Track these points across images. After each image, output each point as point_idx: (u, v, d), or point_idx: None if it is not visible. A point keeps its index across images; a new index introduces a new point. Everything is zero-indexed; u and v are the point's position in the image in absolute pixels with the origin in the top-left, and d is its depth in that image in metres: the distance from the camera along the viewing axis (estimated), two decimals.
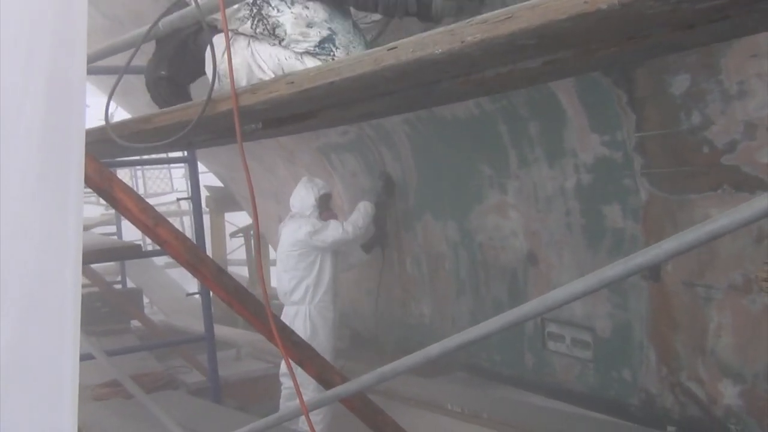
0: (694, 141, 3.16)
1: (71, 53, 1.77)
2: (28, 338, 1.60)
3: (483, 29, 1.27)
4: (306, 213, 4.97)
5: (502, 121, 4.09)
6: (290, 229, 4.98)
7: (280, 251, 5.04)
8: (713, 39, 1.73)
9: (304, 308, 4.90)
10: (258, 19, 2.10)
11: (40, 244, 1.63)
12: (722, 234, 1.15)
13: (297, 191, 5.07)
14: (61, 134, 1.72)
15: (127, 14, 5.32)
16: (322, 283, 4.95)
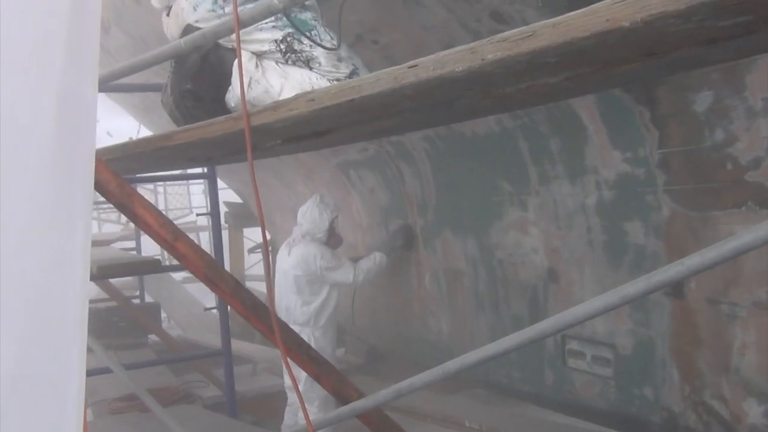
0: (718, 158, 3.13)
1: (83, 71, 1.78)
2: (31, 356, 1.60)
3: (504, 47, 1.27)
4: (317, 235, 4.93)
5: (522, 138, 4.08)
6: (302, 252, 4.91)
7: (287, 269, 4.96)
8: (736, 55, 1.71)
9: (308, 330, 4.84)
10: (290, 52, 2.17)
11: (46, 262, 1.63)
12: (746, 251, 1.12)
13: (309, 211, 4.97)
14: (71, 151, 1.73)
15: (150, 34, 5.39)
16: (327, 307, 4.94)
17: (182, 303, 9.45)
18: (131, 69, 2.28)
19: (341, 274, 4.93)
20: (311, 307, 4.89)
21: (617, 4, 1.13)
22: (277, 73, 2.22)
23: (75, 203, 1.61)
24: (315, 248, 4.89)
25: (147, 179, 5.57)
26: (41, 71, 1.61)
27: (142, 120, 8.58)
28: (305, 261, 4.86)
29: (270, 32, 2.20)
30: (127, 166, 2.51)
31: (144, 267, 4.71)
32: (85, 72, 1.73)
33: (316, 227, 4.92)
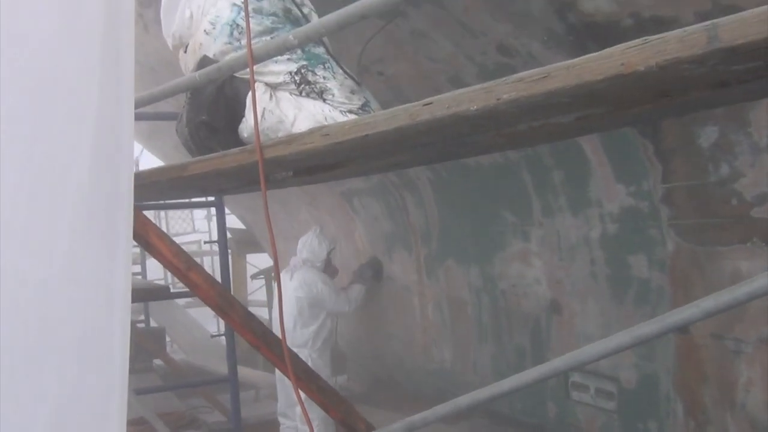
0: (723, 193, 3.15)
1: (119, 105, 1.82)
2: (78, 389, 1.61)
3: (518, 88, 1.30)
4: (316, 264, 5.33)
5: (526, 169, 4.11)
6: (304, 276, 5.24)
7: (289, 293, 5.21)
8: (747, 97, 1.74)
9: (306, 352, 5.09)
10: (304, 84, 2.22)
11: (90, 291, 1.64)
12: (761, 296, 1.14)
13: (309, 241, 5.40)
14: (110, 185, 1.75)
15: (158, 62, 5.46)
16: (324, 331, 5.25)
17: (186, 327, 9.44)
18: (149, 99, 2.31)
19: (339, 302, 5.33)
20: (310, 329, 5.17)
21: (632, 48, 1.16)
22: (291, 104, 2.25)
23: (118, 235, 1.64)
24: (316, 274, 5.26)
25: (155, 206, 5.64)
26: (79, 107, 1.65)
27: (146, 144, 8.63)
28: (308, 285, 5.19)
29: (285, 64, 2.24)
30: (139, 193, 2.53)
31: (153, 293, 4.74)
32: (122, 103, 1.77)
33: (315, 256, 5.33)
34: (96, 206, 1.70)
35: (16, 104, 1.60)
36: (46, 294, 1.59)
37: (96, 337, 1.65)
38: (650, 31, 2.88)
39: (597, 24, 2.99)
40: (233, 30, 2.27)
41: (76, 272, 1.64)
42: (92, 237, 1.68)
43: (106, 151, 1.72)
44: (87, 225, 1.68)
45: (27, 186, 1.60)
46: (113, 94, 1.80)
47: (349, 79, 2.31)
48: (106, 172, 1.72)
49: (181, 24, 2.41)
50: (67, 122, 1.71)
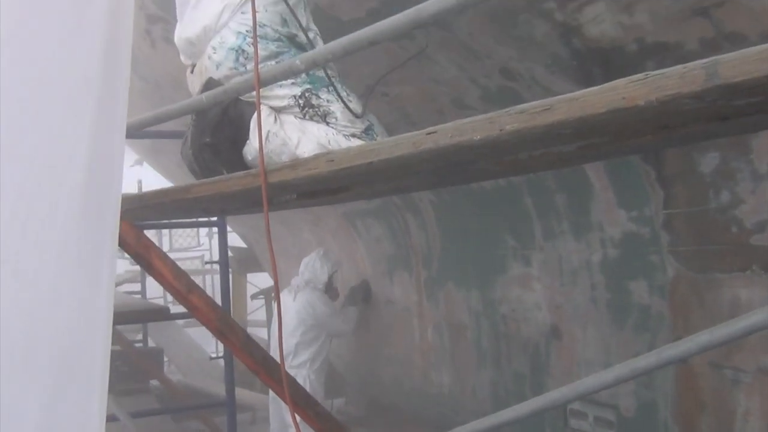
0: (723, 220, 3.15)
1: (112, 127, 1.84)
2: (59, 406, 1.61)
3: (521, 119, 1.31)
4: (318, 286, 5.35)
5: (528, 193, 4.12)
6: (308, 297, 5.26)
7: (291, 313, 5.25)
8: (748, 129, 1.76)
9: (304, 372, 5.12)
10: (308, 107, 2.24)
11: (74, 312, 1.65)
12: (757, 330, 1.14)
13: (312, 262, 5.43)
14: (99, 203, 1.76)
15: (164, 78, 5.50)
16: (323, 351, 5.29)
17: (184, 348, 9.40)
18: (154, 120, 2.34)
19: (340, 325, 5.41)
20: (310, 350, 5.19)
21: (633, 83, 1.17)
22: (295, 127, 2.28)
23: (102, 256, 1.65)
24: (319, 296, 5.28)
25: (156, 225, 5.66)
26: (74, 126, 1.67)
27: (150, 161, 8.67)
28: (311, 305, 5.20)
29: (289, 88, 2.27)
30: (143, 214, 2.55)
31: (152, 315, 4.74)
32: (115, 127, 1.78)
33: (317, 278, 5.34)
34: (84, 229, 1.71)
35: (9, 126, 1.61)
36: (32, 315, 1.60)
37: (78, 358, 1.66)
38: (655, 56, 2.92)
39: (602, 49, 3.01)
40: (239, 56, 2.29)
41: (62, 294, 1.65)
42: (79, 259, 1.70)
43: (97, 176, 1.73)
44: (75, 248, 1.69)
45: (20, 208, 1.62)
46: (109, 115, 1.82)
47: (352, 102, 2.34)
48: (95, 195, 1.74)
49: (186, 47, 2.44)
50: (61, 144, 1.72)
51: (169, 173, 8.03)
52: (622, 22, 2.80)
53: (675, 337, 3.43)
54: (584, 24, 2.92)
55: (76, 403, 1.64)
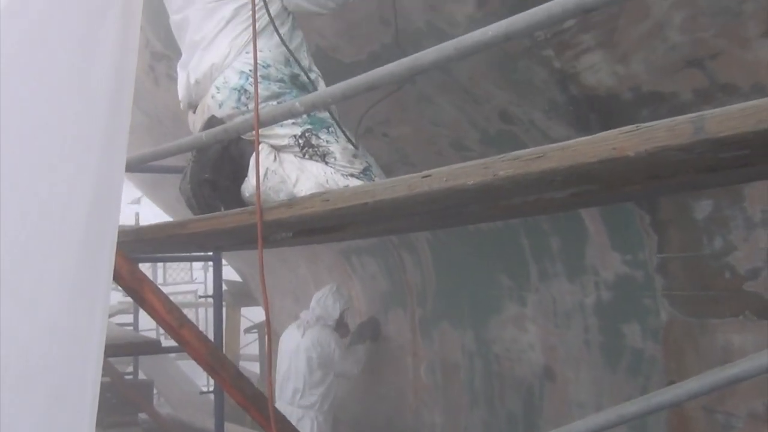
0: (717, 266, 3.17)
1: (115, 157, 1.87)
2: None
3: (515, 165, 1.34)
4: (328, 322, 5.18)
5: (524, 234, 4.15)
6: (317, 335, 5.10)
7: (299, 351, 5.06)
8: (735, 180, 1.79)
9: (312, 413, 4.99)
10: (308, 147, 2.28)
11: (68, 343, 1.66)
12: (744, 379, 1.16)
13: (324, 297, 5.26)
14: (98, 235, 1.79)
15: (165, 113, 5.57)
16: (331, 392, 5.13)
17: (175, 381, 9.31)
18: (153, 156, 2.38)
19: (349, 365, 5.22)
20: (319, 390, 5.04)
21: (624, 134, 1.21)
22: (294, 166, 2.31)
23: (98, 287, 1.66)
24: (329, 334, 5.12)
25: (151, 259, 5.65)
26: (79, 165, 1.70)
27: (149, 194, 8.70)
28: (321, 344, 5.05)
29: (290, 128, 2.31)
30: (138, 247, 2.56)
31: (144, 347, 4.70)
32: (116, 159, 1.81)
33: (328, 314, 5.19)
34: (83, 261, 1.73)
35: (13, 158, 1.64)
36: (28, 345, 1.61)
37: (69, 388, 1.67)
38: (650, 104, 2.97)
39: (598, 96, 3.07)
40: (241, 95, 2.34)
41: (58, 325, 1.66)
42: (76, 290, 1.71)
43: (97, 210, 1.76)
44: (73, 279, 1.71)
45: (22, 239, 1.64)
46: (112, 150, 1.85)
47: (350, 144, 2.38)
48: (94, 229, 1.76)
49: (187, 90, 2.49)
50: (65, 178, 1.75)
51: (169, 207, 8.05)
52: (617, 72, 2.86)
53: (668, 381, 3.42)
54: (581, 72, 2.98)
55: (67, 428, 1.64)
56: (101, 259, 1.77)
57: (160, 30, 4.69)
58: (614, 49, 2.82)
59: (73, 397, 1.68)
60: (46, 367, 1.58)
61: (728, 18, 2.44)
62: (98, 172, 1.79)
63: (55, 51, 1.69)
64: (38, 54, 1.66)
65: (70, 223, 1.74)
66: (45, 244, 1.66)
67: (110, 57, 1.77)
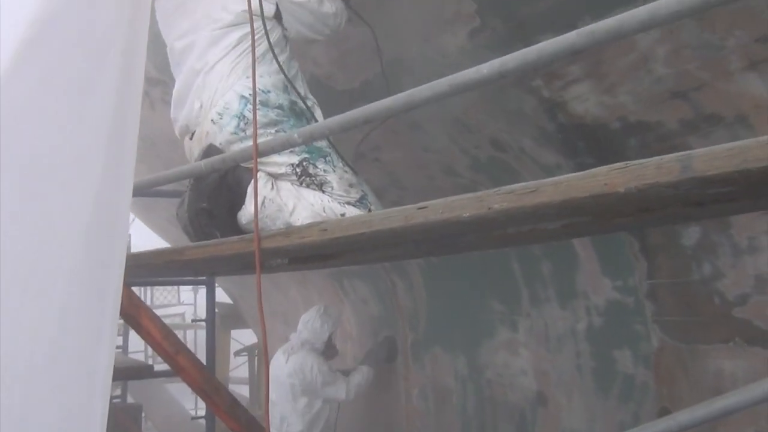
0: (706, 292, 3.22)
1: (118, 187, 1.89)
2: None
3: (509, 199, 1.38)
4: (316, 345, 5.03)
5: (515, 259, 4.18)
6: (300, 361, 4.95)
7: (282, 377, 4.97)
8: (722, 213, 1.84)
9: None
10: (305, 176, 2.32)
11: (74, 374, 1.67)
12: (735, 411, 1.19)
13: (311, 320, 5.10)
14: (102, 266, 1.80)
15: (161, 137, 5.58)
16: (320, 419, 4.96)
17: (164, 405, 9.24)
18: (153, 182, 2.40)
19: (335, 390, 4.98)
20: (306, 418, 4.89)
21: (615, 170, 1.25)
22: (291, 194, 2.35)
23: (105, 314, 1.68)
24: (313, 359, 4.94)
25: (144, 282, 5.61)
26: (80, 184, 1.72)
27: (141, 217, 8.69)
28: (302, 371, 4.89)
29: (287, 156, 2.35)
30: (133, 272, 2.58)
31: (135, 372, 4.65)
32: (121, 187, 1.84)
33: (316, 337, 5.03)
34: (87, 286, 1.74)
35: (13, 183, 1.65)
36: (33, 373, 1.62)
37: (76, 415, 1.67)
38: (637, 134, 3.04)
39: (586, 125, 3.13)
40: (240, 121, 2.38)
41: (63, 352, 1.67)
42: (81, 317, 1.72)
43: (101, 235, 1.78)
44: (77, 305, 1.72)
45: (24, 266, 1.65)
46: (114, 176, 1.87)
47: (348, 173, 2.42)
48: (98, 255, 1.78)
49: (189, 114, 2.52)
50: (67, 202, 1.77)
51: (161, 229, 8.05)
52: (604, 102, 2.93)
53: (660, 408, 3.44)
54: (569, 101, 3.04)
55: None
56: (107, 283, 1.79)
57: (156, 56, 4.75)
58: (601, 80, 2.89)
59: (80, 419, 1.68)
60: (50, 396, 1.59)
61: (711, 52, 2.51)
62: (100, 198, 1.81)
63: (58, 84, 1.72)
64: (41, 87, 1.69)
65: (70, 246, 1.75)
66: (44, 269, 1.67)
67: (113, 90, 1.80)
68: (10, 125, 1.58)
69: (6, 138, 1.59)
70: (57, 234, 1.74)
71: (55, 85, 1.71)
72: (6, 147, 1.63)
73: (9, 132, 1.58)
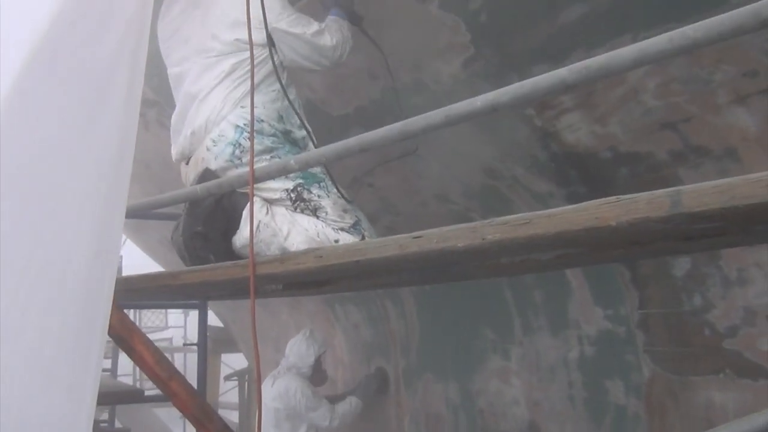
0: (696, 323, 3.23)
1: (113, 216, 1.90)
2: None
3: (503, 230, 1.40)
4: (302, 370, 5.03)
5: (508, 287, 4.19)
6: (285, 385, 4.95)
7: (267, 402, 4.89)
8: (712, 248, 1.87)
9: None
10: (299, 201, 2.34)
11: (63, 395, 1.67)
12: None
13: (298, 344, 5.13)
14: (97, 287, 1.81)
15: (155, 159, 5.60)
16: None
17: (152, 430, 9.12)
18: (149, 206, 2.42)
19: (319, 416, 4.95)
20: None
21: (606, 204, 1.28)
22: (285, 219, 2.37)
23: (93, 339, 1.68)
24: (298, 383, 4.94)
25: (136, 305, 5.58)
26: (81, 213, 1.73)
27: (132, 237, 8.67)
28: (287, 395, 4.88)
29: (282, 182, 2.37)
30: (127, 296, 2.58)
31: (125, 397, 4.60)
32: (116, 212, 1.85)
33: (302, 361, 5.03)
34: (82, 313, 1.75)
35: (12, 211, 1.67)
36: (25, 398, 1.62)
37: None
38: (627, 164, 3.07)
39: (578, 154, 3.17)
40: (235, 149, 2.40)
41: (55, 378, 1.67)
42: (73, 340, 1.72)
43: (97, 262, 1.79)
44: (72, 332, 1.72)
45: (25, 290, 1.66)
46: (110, 201, 1.89)
47: (342, 198, 2.44)
48: (94, 281, 1.79)
49: (183, 141, 2.54)
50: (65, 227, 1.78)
51: (152, 250, 8.03)
52: (595, 132, 2.97)
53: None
54: (561, 130, 3.08)
55: None
56: (98, 309, 1.79)
57: (152, 77, 4.78)
58: (592, 111, 2.94)
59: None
60: (41, 421, 1.59)
61: (699, 86, 2.57)
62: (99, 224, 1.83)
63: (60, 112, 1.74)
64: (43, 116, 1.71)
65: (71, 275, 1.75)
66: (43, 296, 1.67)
67: (115, 119, 1.83)
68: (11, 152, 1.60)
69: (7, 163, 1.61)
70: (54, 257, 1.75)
71: (57, 113, 1.73)
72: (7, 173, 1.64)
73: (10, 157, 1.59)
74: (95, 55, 1.82)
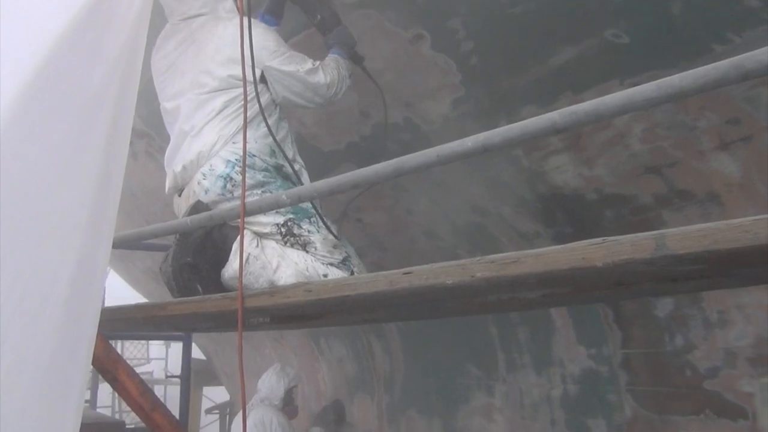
0: (678, 363, 3.27)
1: (99, 245, 1.90)
2: None
3: (491, 268, 1.43)
4: (274, 402, 5.18)
5: (493, 324, 4.21)
6: (260, 416, 5.06)
7: None
8: (695, 289, 1.91)
9: None
10: (290, 236, 2.36)
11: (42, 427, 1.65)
12: None
13: (268, 377, 5.31)
14: (79, 317, 1.80)
15: (141, 189, 5.60)
16: None
17: None
18: (137, 236, 2.42)
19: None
20: None
21: (592, 245, 1.31)
22: (275, 252, 2.37)
23: (77, 370, 1.67)
24: (272, 413, 5.08)
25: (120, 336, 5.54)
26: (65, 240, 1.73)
27: (115, 267, 8.61)
28: (262, 423, 5.01)
29: (272, 216, 2.39)
30: (112, 326, 2.57)
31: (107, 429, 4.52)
32: (101, 240, 1.85)
33: (273, 394, 5.20)
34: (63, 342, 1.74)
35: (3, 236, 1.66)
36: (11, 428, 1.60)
37: None
38: (613, 205, 3.13)
39: (564, 195, 3.23)
40: (227, 183, 2.42)
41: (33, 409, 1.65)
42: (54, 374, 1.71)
43: (79, 290, 1.78)
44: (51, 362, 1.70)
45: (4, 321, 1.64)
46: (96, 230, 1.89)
47: (331, 236, 2.46)
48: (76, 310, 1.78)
49: (175, 174, 2.56)
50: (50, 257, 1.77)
51: (136, 281, 7.97)
52: (582, 174, 3.03)
53: None
54: (548, 172, 3.14)
55: None
56: (81, 340, 1.78)
57: (142, 108, 4.81)
58: (579, 153, 3.00)
59: None
60: None
61: (683, 131, 2.64)
62: (82, 254, 1.82)
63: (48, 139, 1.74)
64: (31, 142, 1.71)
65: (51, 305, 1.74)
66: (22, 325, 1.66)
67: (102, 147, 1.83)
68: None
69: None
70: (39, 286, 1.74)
71: (45, 139, 1.72)
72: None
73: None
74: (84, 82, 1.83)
